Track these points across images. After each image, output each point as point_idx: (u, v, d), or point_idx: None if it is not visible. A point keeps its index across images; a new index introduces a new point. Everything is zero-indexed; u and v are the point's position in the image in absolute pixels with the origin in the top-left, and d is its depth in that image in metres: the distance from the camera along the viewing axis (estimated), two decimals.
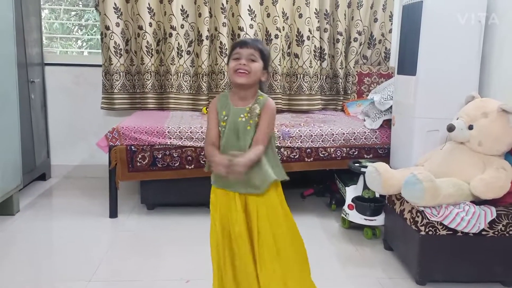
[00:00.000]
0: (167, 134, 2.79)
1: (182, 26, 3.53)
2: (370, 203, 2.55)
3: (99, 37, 3.64)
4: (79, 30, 4.16)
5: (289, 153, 2.85)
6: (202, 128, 2.82)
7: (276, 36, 3.55)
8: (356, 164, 2.66)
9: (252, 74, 1.53)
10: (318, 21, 3.62)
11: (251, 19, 3.51)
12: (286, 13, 3.60)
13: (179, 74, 3.56)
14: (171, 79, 3.54)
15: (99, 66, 3.56)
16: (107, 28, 3.45)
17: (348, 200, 2.66)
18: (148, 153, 2.78)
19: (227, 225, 1.61)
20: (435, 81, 2.44)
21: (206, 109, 3.48)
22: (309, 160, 2.89)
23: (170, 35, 3.49)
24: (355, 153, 2.92)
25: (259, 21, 3.57)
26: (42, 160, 3.58)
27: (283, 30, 3.60)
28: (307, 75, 3.63)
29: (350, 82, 3.74)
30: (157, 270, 2.19)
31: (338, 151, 2.90)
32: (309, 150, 2.88)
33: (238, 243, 1.59)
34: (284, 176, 1.63)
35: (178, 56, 3.53)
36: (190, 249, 2.40)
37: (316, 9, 3.59)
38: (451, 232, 1.99)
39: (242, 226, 1.58)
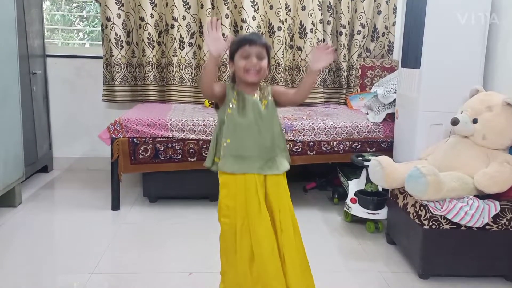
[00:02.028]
0: (169, 126, 2.78)
1: (184, 18, 3.50)
2: (373, 197, 2.54)
3: (100, 28, 3.62)
4: (81, 22, 4.13)
5: (291, 146, 2.84)
6: (204, 120, 2.81)
7: (279, 29, 3.53)
8: (359, 158, 2.65)
9: (263, 71, 1.59)
10: (321, 14, 3.60)
11: (254, 11, 3.49)
12: (289, 5, 3.57)
13: (181, 66, 3.55)
14: (173, 71, 3.52)
15: (101, 58, 3.54)
16: (108, 19, 3.42)
17: (351, 194, 2.65)
18: (150, 145, 2.78)
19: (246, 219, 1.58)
20: (439, 74, 2.42)
21: (208, 102, 3.47)
22: (311, 153, 2.88)
23: (172, 26, 3.47)
24: (358, 147, 2.91)
25: (262, 13, 3.54)
26: (44, 152, 3.58)
27: (286, 22, 3.58)
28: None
29: (353, 75, 3.72)
30: (160, 262, 2.19)
31: (341, 145, 2.89)
32: (311, 143, 2.87)
33: (262, 244, 1.56)
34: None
35: (180, 48, 3.51)
36: (193, 241, 2.40)
37: (319, 1, 3.56)
38: (455, 226, 1.99)
39: (270, 226, 1.56)
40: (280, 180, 1.62)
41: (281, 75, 3.57)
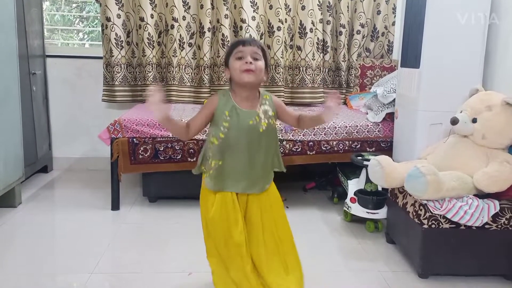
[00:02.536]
0: None
1: (184, 18, 3.51)
2: (373, 196, 2.55)
3: (100, 29, 3.62)
4: (81, 22, 4.14)
5: (291, 146, 2.84)
6: None
7: (279, 28, 3.53)
8: (359, 157, 2.66)
9: (258, 72, 1.49)
10: (321, 13, 3.60)
11: (254, 11, 3.49)
12: (288, 5, 3.57)
13: (180, 67, 3.55)
14: (172, 72, 3.52)
15: (101, 58, 3.54)
16: (108, 19, 3.43)
17: (351, 193, 2.65)
18: (150, 145, 2.78)
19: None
20: (438, 74, 2.42)
21: None
22: (311, 153, 2.88)
23: (172, 26, 3.47)
24: (357, 146, 2.91)
25: (262, 13, 3.54)
26: (44, 153, 3.58)
27: (286, 22, 3.58)
28: (309, 68, 3.61)
29: (353, 75, 3.73)
30: (160, 262, 2.19)
31: (341, 144, 2.89)
32: (311, 143, 2.87)
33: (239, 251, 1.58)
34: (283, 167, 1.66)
35: (180, 48, 3.52)
36: (193, 241, 2.39)
37: (319, 1, 3.56)
38: (454, 226, 1.99)
39: (243, 235, 1.57)
40: (265, 192, 1.61)
41: (280, 75, 3.57)
